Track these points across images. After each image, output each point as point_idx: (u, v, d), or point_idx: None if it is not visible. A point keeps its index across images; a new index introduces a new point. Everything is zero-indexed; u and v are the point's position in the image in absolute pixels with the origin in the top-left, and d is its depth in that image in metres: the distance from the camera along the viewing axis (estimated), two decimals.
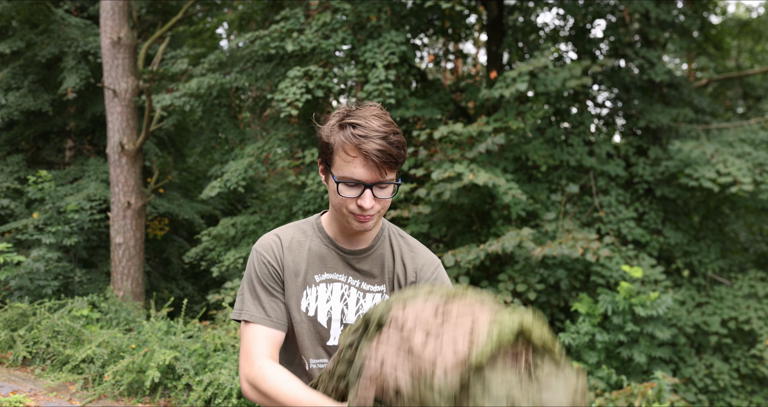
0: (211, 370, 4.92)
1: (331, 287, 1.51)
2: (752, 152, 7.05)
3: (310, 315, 1.49)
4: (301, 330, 1.49)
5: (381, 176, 1.39)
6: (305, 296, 1.50)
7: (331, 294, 1.51)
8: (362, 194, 1.40)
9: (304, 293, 1.50)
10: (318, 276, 1.51)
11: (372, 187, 1.40)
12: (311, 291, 1.50)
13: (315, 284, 1.51)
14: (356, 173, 1.38)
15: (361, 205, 1.41)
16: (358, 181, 1.39)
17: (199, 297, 11.33)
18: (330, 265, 1.53)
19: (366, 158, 1.37)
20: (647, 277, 6.44)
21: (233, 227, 8.09)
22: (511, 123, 6.15)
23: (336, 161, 1.41)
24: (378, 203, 1.42)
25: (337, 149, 1.40)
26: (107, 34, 8.52)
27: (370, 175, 1.38)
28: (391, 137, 1.38)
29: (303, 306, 1.49)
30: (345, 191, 1.41)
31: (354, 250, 1.54)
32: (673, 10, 8.16)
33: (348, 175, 1.39)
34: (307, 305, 1.49)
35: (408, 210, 6.13)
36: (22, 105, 10.12)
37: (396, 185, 1.45)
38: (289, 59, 7.58)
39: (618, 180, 7.72)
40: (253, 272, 1.51)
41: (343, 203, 1.43)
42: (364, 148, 1.36)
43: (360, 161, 1.38)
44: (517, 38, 8.95)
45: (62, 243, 8.29)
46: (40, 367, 5.78)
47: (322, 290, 1.51)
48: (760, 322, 6.82)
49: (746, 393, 6.92)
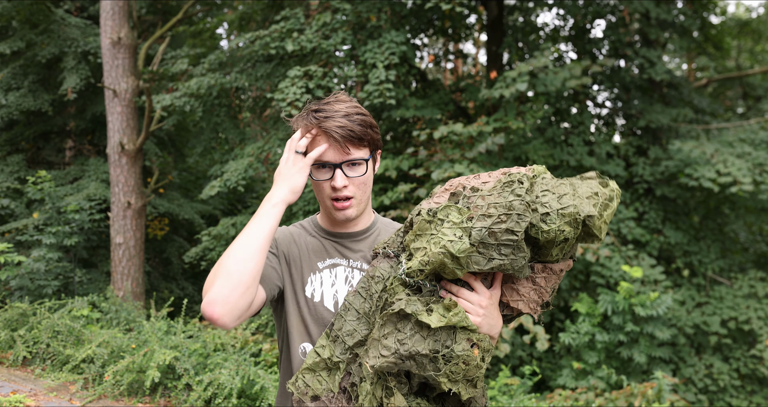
0: (211, 370, 4.92)
1: (334, 271, 1.54)
2: (752, 152, 7.04)
3: (316, 300, 1.51)
4: (306, 315, 1.50)
5: (346, 152, 1.43)
6: (310, 283, 1.52)
7: (335, 278, 1.53)
8: (333, 174, 1.44)
9: (309, 280, 1.52)
10: (321, 263, 1.55)
11: (341, 166, 1.44)
12: (315, 278, 1.53)
13: (318, 270, 1.53)
14: (325, 155, 1.43)
15: (333, 185, 1.44)
16: (326, 162, 1.43)
17: (199, 297, 11.33)
18: (331, 252, 1.56)
19: (327, 135, 1.42)
20: (647, 277, 6.44)
21: (233, 227, 8.09)
22: (511, 123, 6.15)
23: (308, 147, 1.46)
24: (352, 183, 1.46)
25: (304, 133, 1.46)
26: (107, 34, 8.52)
27: (336, 155, 1.43)
28: (354, 116, 1.44)
29: (308, 292, 1.51)
30: (317, 174, 1.46)
31: (350, 232, 1.58)
32: (673, 10, 8.16)
33: (316, 157, 1.43)
34: (312, 291, 1.52)
35: (408, 210, 6.13)
36: (22, 105, 10.12)
37: (366, 161, 1.47)
38: (289, 59, 7.59)
39: (618, 180, 7.72)
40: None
41: (321, 191, 1.48)
42: (324, 126, 1.42)
43: (324, 141, 1.43)
44: (517, 38, 8.95)
45: (62, 243, 8.29)
46: (40, 367, 5.79)
47: (326, 275, 1.53)
48: (760, 322, 6.83)
49: (746, 393, 6.92)
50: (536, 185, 1.34)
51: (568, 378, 5.87)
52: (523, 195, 1.29)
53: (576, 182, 1.38)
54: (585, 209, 1.30)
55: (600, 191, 1.36)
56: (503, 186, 1.32)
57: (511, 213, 1.26)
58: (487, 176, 1.41)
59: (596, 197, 1.34)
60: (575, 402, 5.18)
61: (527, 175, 1.34)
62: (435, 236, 1.30)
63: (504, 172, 1.41)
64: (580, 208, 1.30)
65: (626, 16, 8.05)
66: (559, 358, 6.65)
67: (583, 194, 1.34)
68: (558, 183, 1.36)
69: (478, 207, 1.31)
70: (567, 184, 1.37)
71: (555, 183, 1.36)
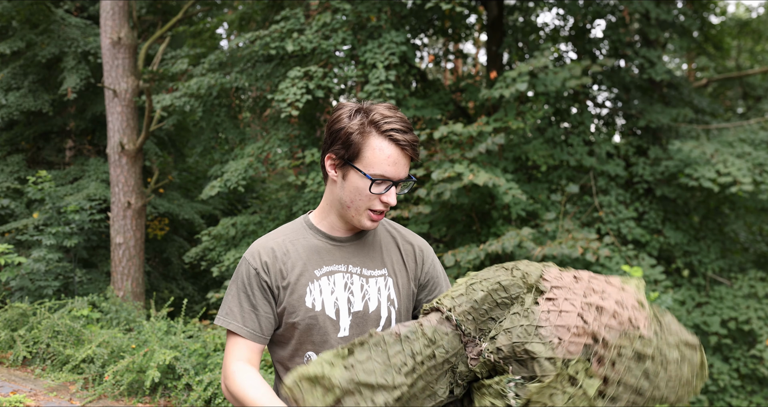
0: (211, 370, 4.92)
1: (332, 278, 1.50)
2: (752, 152, 7.04)
3: (317, 309, 1.47)
4: (309, 326, 1.47)
5: (406, 170, 1.43)
6: (309, 293, 1.48)
7: (334, 286, 1.50)
8: (388, 190, 1.42)
9: (307, 291, 1.49)
10: (318, 271, 1.51)
11: (399, 183, 1.43)
12: (314, 287, 1.49)
13: (316, 279, 1.50)
14: (388, 171, 1.40)
15: (386, 201, 1.43)
16: (388, 178, 1.41)
17: (199, 297, 11.33)
18: (327, 258, 1.52)
19: (402, 150, 1.40)
20: (647, 277, 6.44)
21: (233, 227, 8.09)
22: (511, 123, 6.15)
23: (366, 157, 1.41)
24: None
25: (369, 144, 1.41)
26: (107, 34, 8.52)
27: (400, 170, 1.42)
28: (413, 131, 1.43)
29: (308, 303, 1.48)
30: (375, 188, 1.43)
31: (347, 237, 1.55)
32: (673, 10, 8.15)
33: (380, 172, 1.40)
34: (312, 300, 1.48)
35: (408, 210, 6.13)
36: (22, 105, 10.12)
37: (413, 181, 1.47)
38: (289, 59, 7.58)
39: (618, 180, 7.72)
40: (239, 280, 1.51)
41: (363, 200, 1.44)
42: (401, 140, 1.39)
43: (395, 155, 1.40)
44: (517, 38, 8.95)
45: (62, 244, 8.29)
46: (41, 367, 5.79)
47: (324, 283, 1.50)
48: (760, 322, 6.82)
49: (746, 393, 6.92)
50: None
51: None
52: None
53: (683, 351, 1.25)
54: (676, 402, 1.23)
55: (697, 373, 1.25)
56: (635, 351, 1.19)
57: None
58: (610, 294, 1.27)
59: (690, 385, 1.24)
60: None
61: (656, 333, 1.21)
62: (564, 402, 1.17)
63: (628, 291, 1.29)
64: (677, 401, 1.22)
65: (626, 16, 8.05)
66: None
67: (684, 377, 1.22)
68: (670, 351, 1.22)
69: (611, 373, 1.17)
70: (677, 351, 1.23)
71: (668, 352, 1.22)
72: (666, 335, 1.25)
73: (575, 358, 1.19)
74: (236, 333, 1.47)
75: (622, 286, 1.33)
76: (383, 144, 1.40)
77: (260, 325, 1.48)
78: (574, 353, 1.20)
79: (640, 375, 1.18)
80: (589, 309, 1.24)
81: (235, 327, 1.47)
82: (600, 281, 1.33)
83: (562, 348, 1.20)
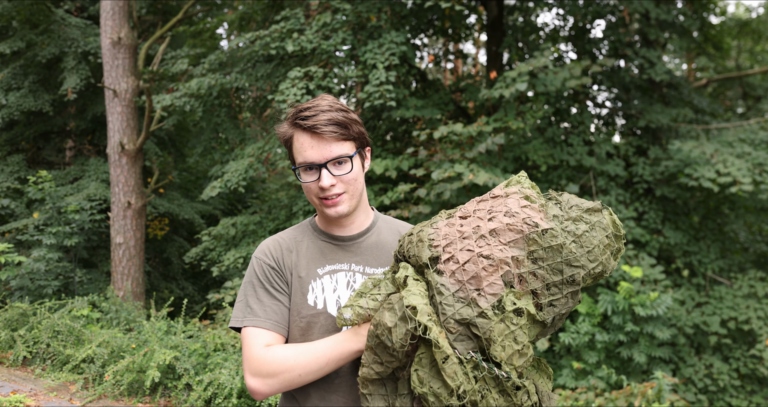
0: (211, 370, 4.92)
1: (335, 277, 1.52)
2: (752, 152, 7.04)
3: (319, 307, 1.48)
4: (311, 324, 1.48)
5: (330, 150, 1.42)
6: (311, 291, 1.50)
7: (336, 284, 1.51)
8: (320, 175, 1.44)
9: (309, 288, 1.50)
10: (320, 269, 1.52)
11: (326, 166, 1.43)
12: (316, 285, 1.50)
13: (319, 277, 1.51)
14: (308, 156, 1.43)
15: (321, 185, 1.44)
16: (312, 163, 1.43)
17: (199, 297, 11.34)
18: (330, 256, 1.54)
19: (311, 132, 1.42)
20: (647, 277, 6.45)
21: (233, 227, 8.09)
22: (511, 123, 6.15)
23: (294, 151, 1.46)
24: (340, 181, 1.45)
25: (290, 136, 1.47)
26: (107, 34, 8.52)
27: (320, 153, 1.42)
28: (334, 113, 1.43)
29: (310, 301, 1.49)
30: (305, 177, 1.46)
31: (350, 235, 1.56)
32: (673, 10, 8.15)
33: (302, 160, 1.44)
34: (315, 298, 1.49)
35: (408, 210, 6.13)
36: (22, 105, 10.12)
37: (351, 157, 1.46)
38: (290, 60, 7.59)
39: (618, 180, 7.72)
40: (254, 277, 1.51)
41: (309, 191, 1.48)
42: (307, 124, 1.42)
43: (308, 141, 1.43)
44: (517, 38, 8.95)
45: (62, 243, 8.30)
46: (41, 367, 5.79)
47: (326, 281, 1.51)
48: (760, 322, 6.82)
49: (746, 393, 6.92)
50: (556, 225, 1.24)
51: (568, 378, 5.87)
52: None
53: (588, 219, 1.28)
54: (610, 267, 1.25)
55: (611, 233, 1.28)
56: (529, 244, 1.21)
57: (564, 279, 1.21)
58: (483, 212, 1.30)
59: (611, 246, 1.27)
60: (575, 402, 5.18)
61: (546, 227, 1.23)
62: (509, 334, 1.18)
63: (495, 195, 1.33)
64: (607, 266, 1.25)
65: (626, 16, 8.05)
66: (559, 358, 6.65)
67: (600, 242, 1.25)
68: (576, 226, 1.25)
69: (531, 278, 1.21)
70: (582, 222, 1.27)
71: (575, 228, 1.25)
72: (567, 212, 1.27)
73: (502, 294, 1.18)
74: (261, 327, 1.45)
75: (505, 192, 1.33)
76: (296, 134, 1.45)
77: (283, 316, 1.48)
78: (498, 291, 1.19)
79: (563, 267, 1.20)
80: (486, 241, 1.23)
81: (258, 322, 1.46)
82: (485, 201, 1.33)
83: (485, 297, 1.18)
